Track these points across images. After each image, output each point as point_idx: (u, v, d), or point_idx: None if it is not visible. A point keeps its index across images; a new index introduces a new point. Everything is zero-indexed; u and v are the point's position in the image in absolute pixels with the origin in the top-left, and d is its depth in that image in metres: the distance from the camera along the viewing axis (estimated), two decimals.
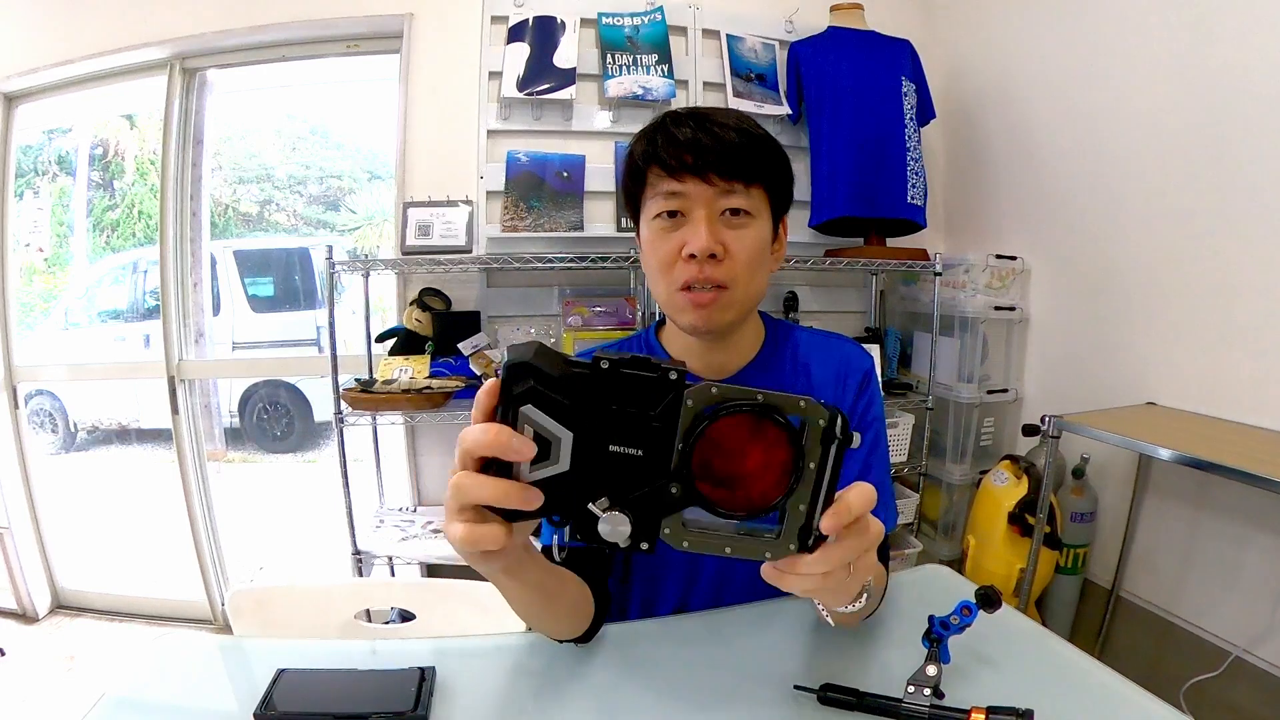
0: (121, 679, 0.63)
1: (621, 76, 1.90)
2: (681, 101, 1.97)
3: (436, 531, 1.86)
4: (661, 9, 1.97)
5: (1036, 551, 1.59)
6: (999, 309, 1.95)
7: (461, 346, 1.82)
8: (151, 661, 0.67)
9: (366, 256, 3.89)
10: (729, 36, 2.02)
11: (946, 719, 0.54)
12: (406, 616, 0.93)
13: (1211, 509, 1.53)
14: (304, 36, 2.00)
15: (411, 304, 1.90)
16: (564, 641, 0.66)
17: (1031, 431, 1.66)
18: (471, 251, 1.86)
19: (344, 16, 1.95)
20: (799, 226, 2.01)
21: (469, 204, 1.89)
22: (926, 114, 2.04)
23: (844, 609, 0.56)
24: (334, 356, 1.72)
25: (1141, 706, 0.59)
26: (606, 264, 1.77)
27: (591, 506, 0.38)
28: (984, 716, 0.53)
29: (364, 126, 3.97)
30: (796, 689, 0.59)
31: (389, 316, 2.09)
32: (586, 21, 1.93)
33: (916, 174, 1.95)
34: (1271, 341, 1.39)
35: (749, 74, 2.02)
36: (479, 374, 1.79)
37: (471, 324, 1.90)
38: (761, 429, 0.37)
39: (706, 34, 2.03)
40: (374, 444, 2.01)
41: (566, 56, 1.88)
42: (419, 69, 1.95)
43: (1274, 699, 1.39)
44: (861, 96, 1.91)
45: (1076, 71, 1.80)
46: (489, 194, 1.90)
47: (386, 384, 1.73)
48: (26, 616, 2.23)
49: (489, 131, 1.90)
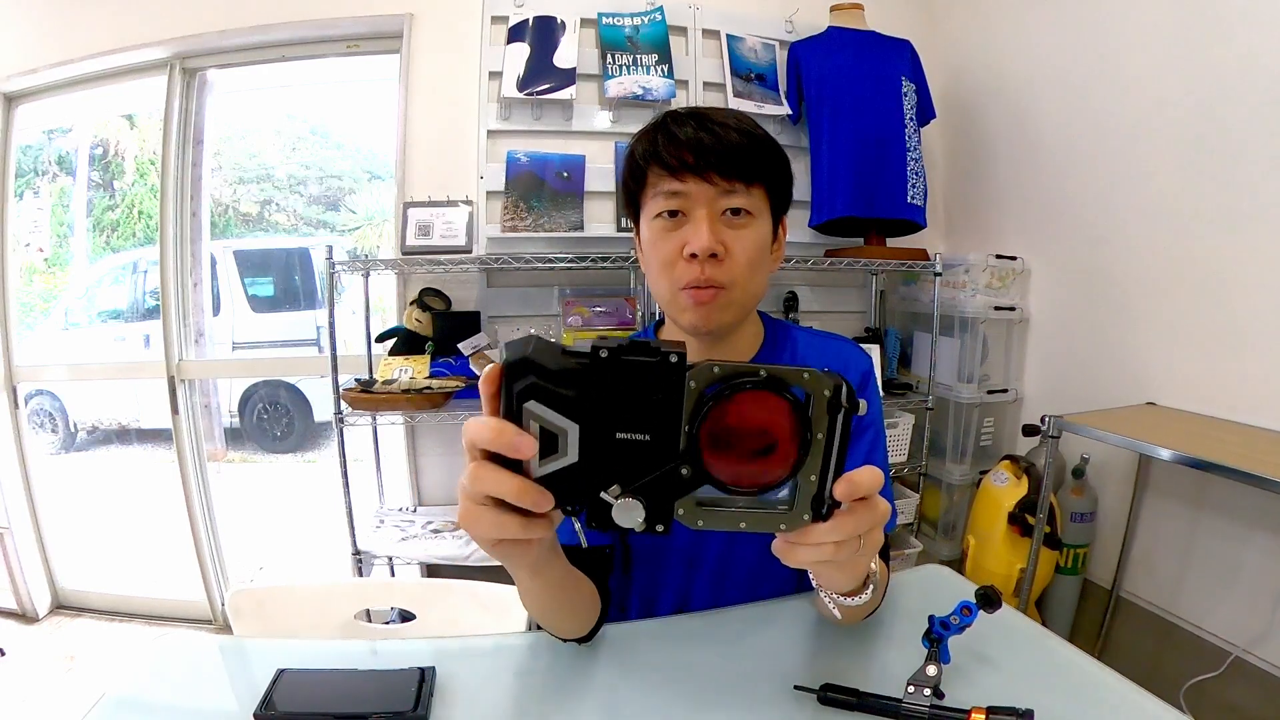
0: (121, 679, 0.63)
1: (621, 76, 1.90)
2: (681, 101, 1.97)
3: (437, 531, 1.86)
4: (661, 9, 1.97)
5: (1036, 551, 1.59)
6: (999, 309, 1.95)
7: (461, 346, 1.82)
8: (151, 661, 0.67)
9: (366, 256, 3.89)
10: (729, 36, 2.02)
11: (946, 719, 0.54)
12: (406, 616, 0.93)
13: (1211, 509, 1.53)
14: (304, 36, 2.00)
15: (411, 304, 1.90)
16: (567, 641, 0.66)
17: (1031, 431, 1.66)
18: (471, 251, 1.85)
19: (344, 16, 1.95)
20: (799, 226, 2.01)
21: (469, 204, 1.89)
22: (926, 114, 2.04)
23: (850, 600, 0.55)
24: (334, 356, 1.72)
25: (1141, 706, 0.59)
26: (606, 264, 1.77)
27: (604, 495, 0.38)
28: (984, 716, 0.53)
29: (364, 126, 3.97)
30: (796, 689, 0.59)
31: (389, 316, 2.09)
32: (586, 21, 1.93)
33: (916, 174, 1.95)
34: (1271, 341, 1.39)
35: (749, 74, 2.02)
36: (479, 374, 1.79)
37: (471, 324, 1.90)
38: (766, 404, 0.37)
39: (706, 34, 2.03)
40: (374, 444, 2.01)
41: (566, 56, 1.88)
42: (419, 69, 1.95)
43: (1274, 699, 1.39)
44: (861, 97, 1.91)
45: (1077, 71, 1.80)
46: (489, 194, 1.90)
47: (386, 384, 1.73)
48: (26, 616, 2.23)
49: (489, 131, 1.90)
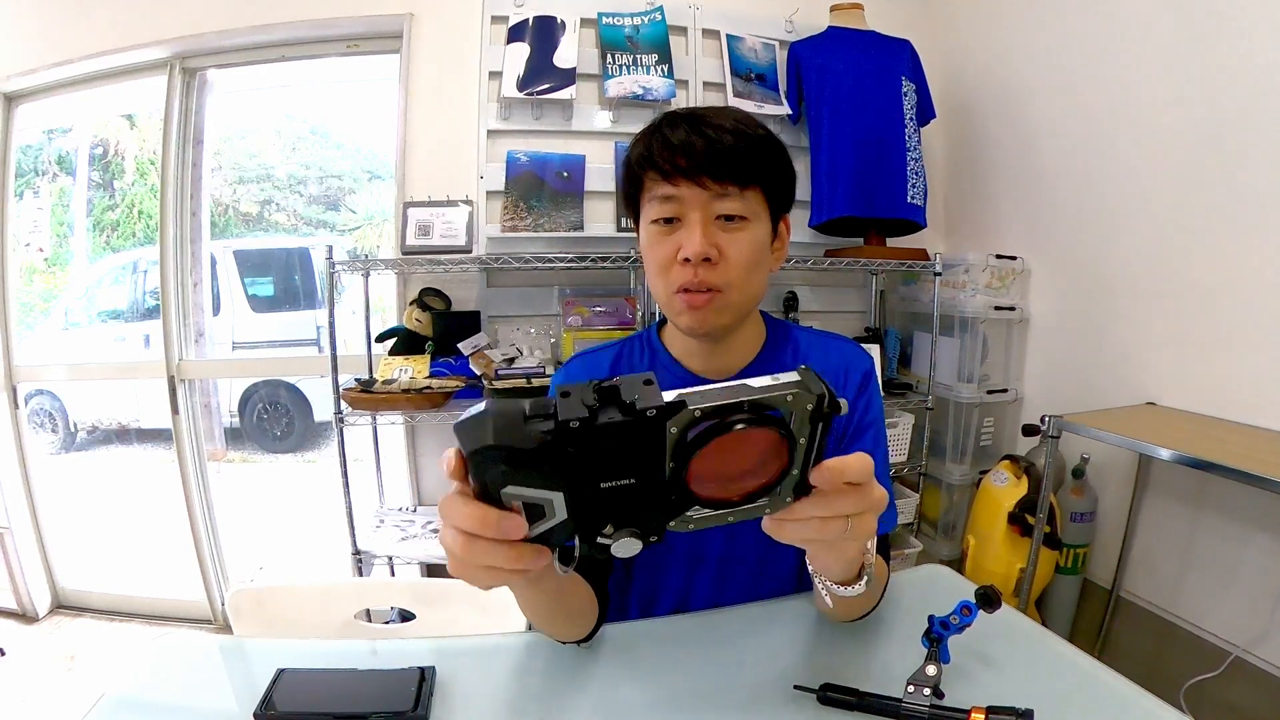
0: (121, 679, 0.63)
1: (621, 76, 1.90)
2: (681, 101, 1.98)
3: (437, 531, 1.85)
4: (661, 9, 1.97)
5: (1036, 551, 1.59)
6: (999, 309, 1.95)
7: (461, 346, 1.82)
8: (151, 661, 0.67)
9: (366, 256, 3.89)
10: (729, 36, 2.02)
11: (946, 719, 0.54)
12: (406, 616, 0.93)
13: (1211, 509, 1.53)
14: (304, 36, 2.00)
15: (411, 304, 1.90)
16: (566, 643, 0.66)
17: (1031, 431, 1.66)
18: (471, 251, 1.85)
19: (344, 16, 1.95)
20: (799, 226, 2.01)
21: (469, 204, 1.89)
22: (926, 114, 2.04)
23: (844, 590, 0.55)
24: (334, 356, 1.72)
25: (1141, 706, 0.59)
26: (606, 264, 1.77)
27: (600, 540, 0.38)
28: (984, 716, 0.53)
29: (364, 126, 3.96)
30: (796, 689, 0.59)
31: (389, 316, 2.09)
32: (586, 21, 1.93)
33: (916, 174, 1.95)
34: (1271, 341, 1.39)
35: (749, 74, 2.02)
36: (479, 374, 1.79)
37: (472, 324, 1.90)
38: (749, 437, 0.36)
39: (706, 34, 2.03)
40: (374, 444, 2.01)
41: (566, 56, 1.88)
42: (419, 69, 1.94)
43: (1274, 699, 1.39)
44: (861, 96, 1.91)
45: (1077, 71, 1.80)
46: (489, 194, 1.90)
47: (386, 384, 1.73)
48: (26, 616, 2.23)
49: (489, 131, 1.90)
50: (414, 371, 1.80)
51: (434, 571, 1.85)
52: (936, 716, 0.55)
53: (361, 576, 1.78)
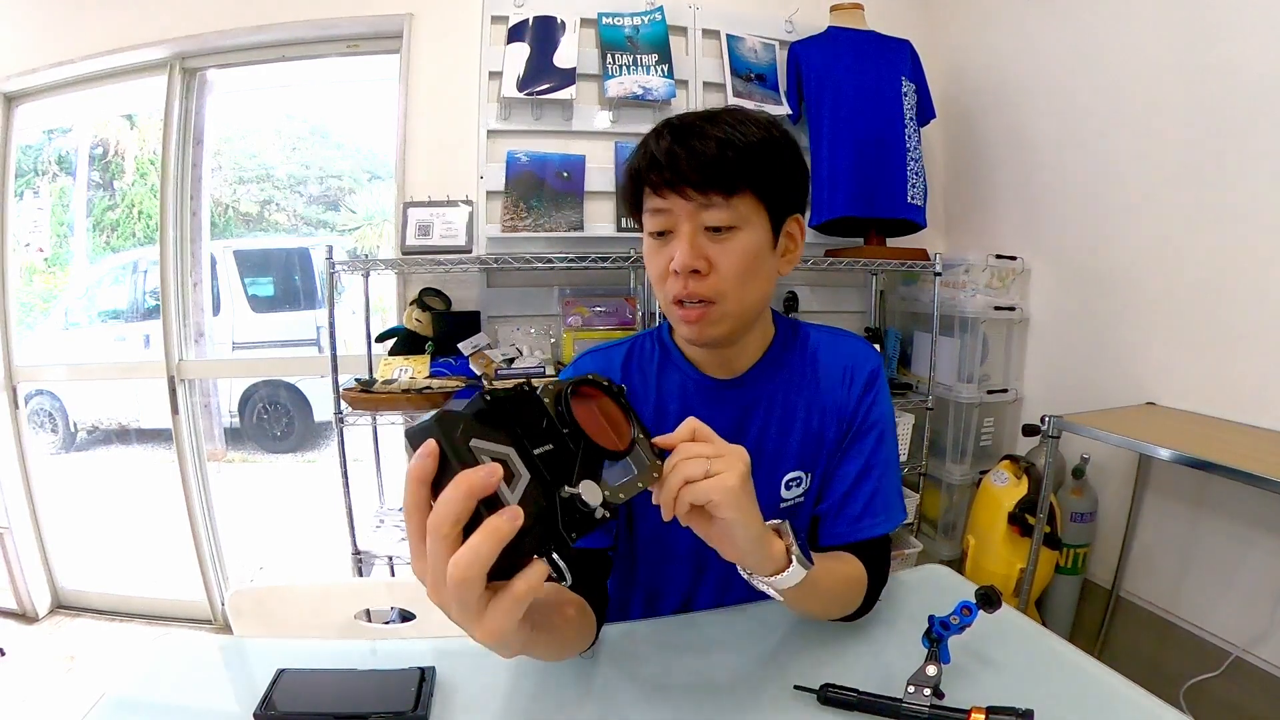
0: (121, 679, 0.63)
1: (621, 76, 1.90)
2: (681, 101, 1.98)
3: None
4: (661, 9, 1.97)
5: (1036, 551, 1.59)
6: (999, 309, 1.95)
7: (461, 346, 1.82)
8: (151, 661, 0.67)
9: (366, 256, 3.89)
10: (729, 36, 2.01)
11: (946, 719, 0.54)
12: (406, 616, 0.93)
13: (1211, 509, 1.53)
14: (304, 36, 2.00)
15: (411, 304, 1.90)
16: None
17: (1031, 431, 1.66)
18: (471, 251, 1.85)
19: (344, 16, 1.95)
20: None
21: (469, 204, 1.89)
22: (926, 114, 2.04)
23: (774, 580, 0.57)
24: (334, 356, 1.72)
25: (1141, 706, 0.59)
26: (606, 264, 1.77)
27: (567, 488, 0.43)
28: (984, 716, 0.53)
29: (364, 126, 3.97)
30: (796, 689, 0.59)
31: (389, 316, 2.09)
32: (586, 21, 1.93)
33: (916, 174, 1.95)
34: (1271, 341, 1.39)
35: (749, 74, 2.02)
36: (479, 374, 1.79)
37: (471, 324, 1.90)
38: (591, 395, 0.50)
39: (706, 34, 2.03)
40: (374, 444, 2.01)
41: (566, 56, 1.88)
42: (419, 69, 1.94)
43: (1274, 699, 1.39)
44: (861, 96, 1.91)
45: (1076, 71, 1.80)
46: (489, 194, 1.90)
47: (386, 384, 1.73)
48: (26, 616, 2.23)
49: (489, 131, 1.90)
50: (414, 371, 1.80)
51: None
52: (936, 716, 0.55)
53: (361, 576, 1.78)
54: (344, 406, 1.71)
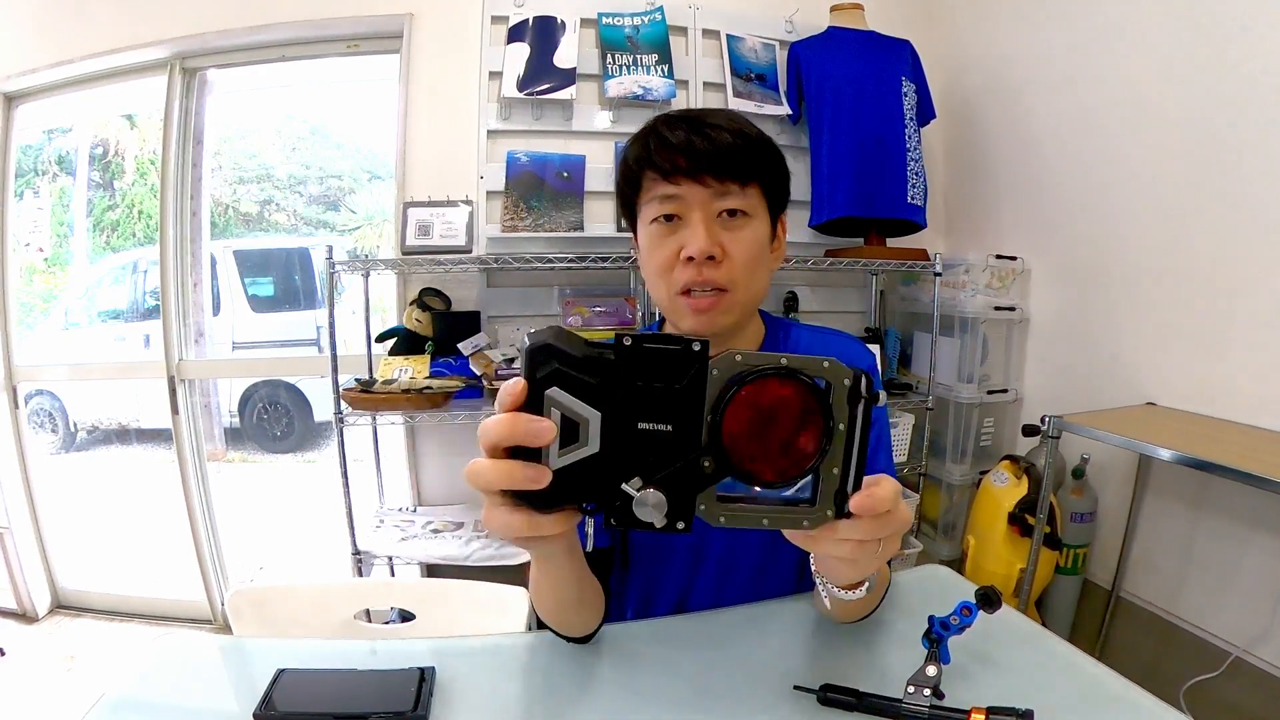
0: (121, 679, 0.63)
1: (621, 76, 1.90)
2: (681, 101, 1.97)
3: (437, 531, 1.86)
4: (661, 9, 1.97)
5: (1036, 551, 1.59)
6: (999, 309, 1.95)
7: (461, 346, 1.82)
8: (151, 661, 0.67)
9: (366, 256, 3.89)
10: (729, 36, 2.01)
11: (946, 719, 0.54)
12: (406, 616, 0.93)
13: (1211, 509, 1.53)
14: (304, 36, 2.00)
15: (411, 304, 1.90)
16: (568, 640, 0.66)
17: (1031, 432, 1.66)
18: (471, 251, 1.85)
19: (344, 16, 1.95)
20: (799, 226, 2.01)
21: (469, 204, 1.89)
22: (926, 114, 2.04)
23: (846, 594, 0.55)
24: (334, 356, 1.72)
25: (1141, 706, 0.59)
26: (606, 264, 1.77)
27: (625, 487, 0.37)
28: (984, 716, 0.53)
29: (364, 126, 3.98)
30: (796, 689, 0.59)
31: (389, 316, 2.09)
32: (586, 21, 1.93)
33: (916, 174, 1.95)
34: (1271, 341, 1.39)
35: (749, 74, 2.02)
36: (479, 374, 1.79)
37: (471, 324, 1.90)
38: (788, 392, 0.37)
39: (706, 34, 2.02)
40: (374, 444, 2.01)
41: (566, 56, 1.88)
42: (419, 69, 1.94)
43: (1274, 699, 1.39)
44: (861, 97, 1.91)
45: (1076, 71, 1.80)
46: (489, 194, 1.90)
47: (386, 384, 1.73)
48: (26, 616, 2.23)
49: (489, 131, 1.90)
50: (414, 372, 1.80)
51: (434, 571, 1.85)
52: (936, 717, 0.55)
53: (361, 577, 1.78)
54: (344, 406, 1.71)
